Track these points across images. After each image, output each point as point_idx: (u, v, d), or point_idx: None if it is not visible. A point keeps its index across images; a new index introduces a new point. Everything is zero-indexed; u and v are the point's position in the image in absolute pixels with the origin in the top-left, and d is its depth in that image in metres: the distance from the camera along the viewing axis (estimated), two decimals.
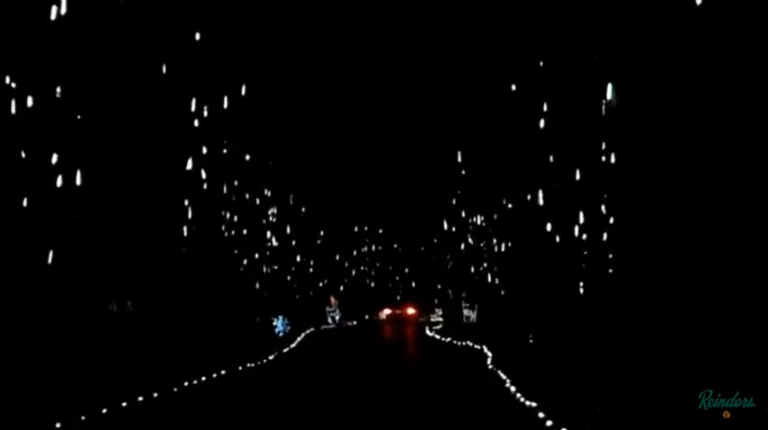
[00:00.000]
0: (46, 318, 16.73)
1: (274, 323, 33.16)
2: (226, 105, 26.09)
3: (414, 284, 66.12)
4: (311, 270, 47.36)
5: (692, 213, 16.14)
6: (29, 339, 15.59)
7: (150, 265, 23.13)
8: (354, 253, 59.79)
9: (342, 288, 53.30)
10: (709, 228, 15.71)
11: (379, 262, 64.80)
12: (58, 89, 16.72)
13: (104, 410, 12.49)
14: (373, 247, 63.33)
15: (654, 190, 17.45)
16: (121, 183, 20.60)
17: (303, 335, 34.81)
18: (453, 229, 42.68)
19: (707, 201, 15.69)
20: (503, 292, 31.89)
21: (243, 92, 27.07)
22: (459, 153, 34.94)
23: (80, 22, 16.88)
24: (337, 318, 47.20)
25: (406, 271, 67.41)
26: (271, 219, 37.27)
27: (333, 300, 47.99)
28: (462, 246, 42.30)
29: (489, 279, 37.21)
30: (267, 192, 36.45)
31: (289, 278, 41.96)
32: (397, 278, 67.41)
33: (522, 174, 27.01)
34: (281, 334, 32.93)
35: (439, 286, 58.21)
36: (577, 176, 21.16)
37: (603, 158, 19.20)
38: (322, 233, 49.67)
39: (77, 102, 17.77)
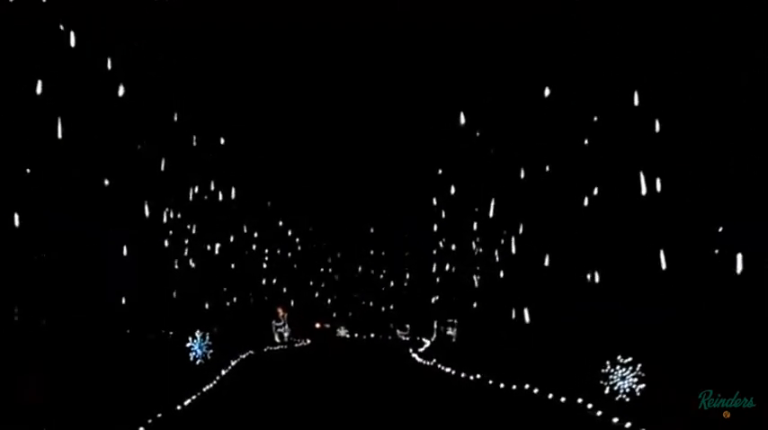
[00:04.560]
0: None
1: (189, 344, 21.83)
2: None
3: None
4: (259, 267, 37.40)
5: None
6: None
7: None
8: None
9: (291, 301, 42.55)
10: None
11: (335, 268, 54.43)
12: None
13: None
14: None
15: None
16: None
17: (234, 363, 23.48)
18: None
19: None
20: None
21: None
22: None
23: None
24: (286, 335, 39.70)
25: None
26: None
27: (281, 312, 40.42)
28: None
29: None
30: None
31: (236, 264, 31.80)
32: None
33: None
34: (198, 361, 21.60)
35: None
36: None
37: None
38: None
39: None
